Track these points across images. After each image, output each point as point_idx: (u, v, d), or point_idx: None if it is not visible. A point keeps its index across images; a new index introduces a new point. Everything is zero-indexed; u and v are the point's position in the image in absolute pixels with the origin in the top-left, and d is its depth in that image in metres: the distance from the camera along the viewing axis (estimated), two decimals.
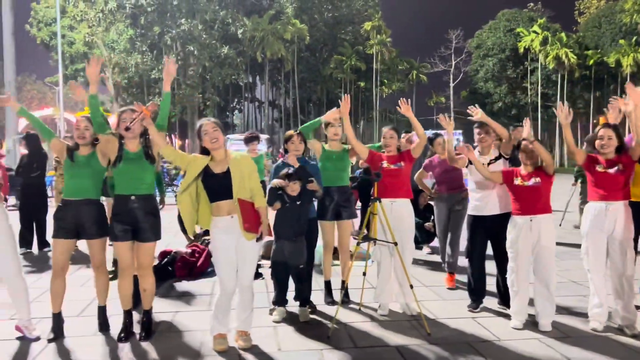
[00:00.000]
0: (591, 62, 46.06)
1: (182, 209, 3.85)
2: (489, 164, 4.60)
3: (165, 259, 6.12)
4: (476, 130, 4.74)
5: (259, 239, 3.85)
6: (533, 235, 4.19)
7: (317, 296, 4.96)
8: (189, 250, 6.33)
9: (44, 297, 4.93)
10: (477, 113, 4.67)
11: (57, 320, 4.15)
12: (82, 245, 6.20)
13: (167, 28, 32.92)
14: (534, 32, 45.20)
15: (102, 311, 4.29)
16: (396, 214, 4.53)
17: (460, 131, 26.46)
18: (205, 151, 3.86)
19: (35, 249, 7.63)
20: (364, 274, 4.59)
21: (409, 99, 5.10)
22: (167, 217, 4.44)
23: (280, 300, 4.56)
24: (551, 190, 4.34)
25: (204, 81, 32.98)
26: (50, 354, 3.78)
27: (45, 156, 7.91)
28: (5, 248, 4.01)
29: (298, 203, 4.33)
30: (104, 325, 4.23)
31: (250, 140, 6.84)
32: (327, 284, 5.07)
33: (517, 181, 4.25)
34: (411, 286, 4.37)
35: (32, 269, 6.48)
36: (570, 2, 70.40)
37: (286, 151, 4.84)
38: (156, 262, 6.17)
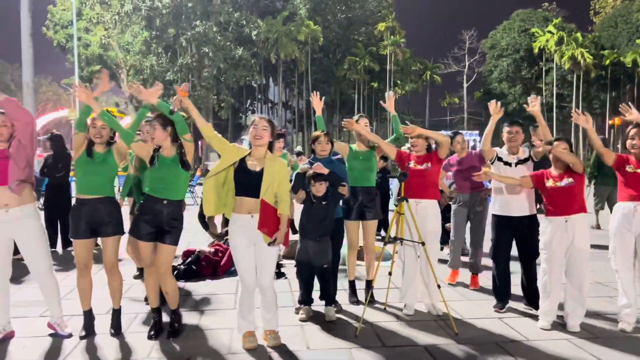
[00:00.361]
0: (607, 62, 45.58)
1: (205, 192, 3.87)
2: (517, 163, 4.59)
3: (189, 258, 6.18)
4: (506, 129, 4.73)
5: (271, 244, 3.84)
6: (568, 236, 4.17)
7: (340, 296, 4.98)
8: (212, 250, 6.39)
9: (72, 295, 5.01)
10: (496, 110, 4.62)
11: (88, 318, 4.21)
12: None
13: (181, 30, 33.13)
14: (549, 32, 44.82)
15: (114, 314, 4.27)
16: (422, 214, 4.53)
17: (477, 132, 26.33)
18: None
19: (59, 248, 7.74)
20: (390, 274, 4.59)
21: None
22: (187, 217, 4.46)
23: (305, 299, 4.58)
24: (584, 190, 4.33)
25: (219, 83, 33.11)
26: (83, 351, 3.83)
27: (69, 156, 8.01)
28: (37, 247, 4.07)
29: (324, 203, 4.35)
30: (116, 329, 4.20)
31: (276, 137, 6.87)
32: (352, 284, 5.08)
33: (549, 183, 4.23)
34: (438, 286, 4.37)
35: (59, 268, 6.56)
36: (585, 2, 69.77)
37: (312, 152, 4.87)
38: (179, 261, 6.24)
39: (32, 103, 29.46)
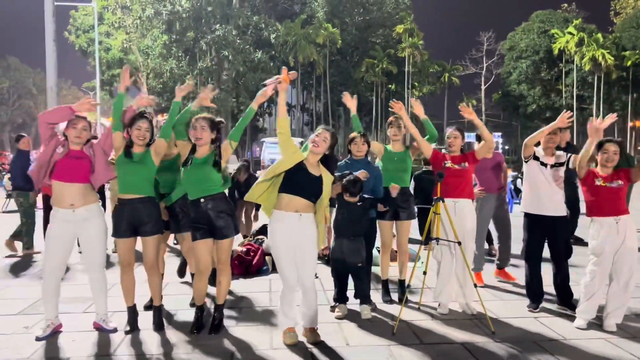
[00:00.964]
0: (629, 63, 44.96)
1: (257, 184, 3.97)
2: (552, 166, 4.62)
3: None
4: (546, 131, 4.76)
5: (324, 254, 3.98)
6: (619, 237, 4.19)
7: (373, 295, 5.04)
8: (244, 249, 6.50)
9: (111, 292, 5.14)
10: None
11: (132, 314, 4.34)
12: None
13: (201, 34, 33.48)
14: (569, 33, 44.36)
15: (156, 310, 4.39)
16: (459, 214, 4.59)
17: (499, 134, 26.19)
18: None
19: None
20: (425, 273, 4.65)
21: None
22: None
23: (341, 297, 4.66)
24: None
25: (238, 86, 33.40)
26: (129, 345, 3.96)
27: None
28: (98, 244, 4.21)
29: (359, 204, 4.45)
30: (159, 325, 4.31)
31: None
32: (385, 283, 5.15)
33: (599, 182, 4.25)
34: (475, 285, 4.41)
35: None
36: (605, 3, 68.81)
37: (349, 152, 4.96)
38: None
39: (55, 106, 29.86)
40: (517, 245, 5.72)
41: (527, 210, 4.72)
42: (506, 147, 60.55)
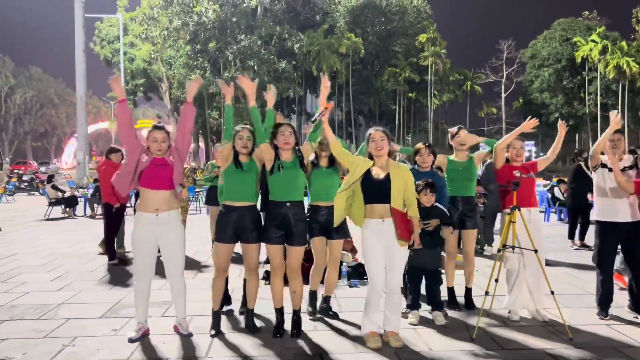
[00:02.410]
0: None
1: (336, 205, 4.15)
2: (622, 170, 4.70)
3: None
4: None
5: (410, 247, 4.09)
6: None
7: None
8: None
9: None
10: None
11: (217, 317, 4.50)
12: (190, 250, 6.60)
13: (225, 44, 33.95)
14: (593, 41, 44.05)
15: (249, 313, 4.55)
16: (532, 222, 4.69)
17: (533, 142, 26.10)
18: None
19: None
20: (497, 280, 4.75)
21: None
22: (196, 225, 4.70)
23: (415, 303, 4.77)
24: None
25: (262, 95, 33.68)
26: (222, 347, 4.11)
27: None
28: (178, 250, 4.38)
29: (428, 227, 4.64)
30: (252, 328, 4.48)
31: None
32: (450, 291, 5.25)
33: None
34: (552, 292, 4.49)
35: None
36: (627, 10, 68.22)
37: (415, 163, 5.09)
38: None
39: (83, 116, 30.52)
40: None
41: (601, 219, 4.78)
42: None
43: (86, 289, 6.00)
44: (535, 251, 4.47)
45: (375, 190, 4.06)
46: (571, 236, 9.18)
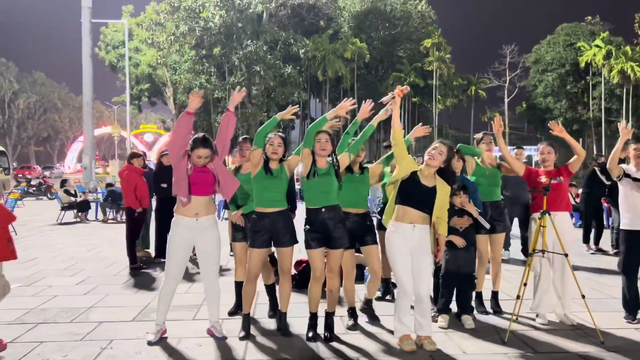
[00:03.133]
0: None
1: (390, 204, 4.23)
2: None
3: (303, 268, 6.47)
4: (633, 146, 4.90)
5: (436, 264, 4.17)
6: None
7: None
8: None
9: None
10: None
11: (247, 320, 4.55)
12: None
13: (231, 49, 34.12)
14: (597, 46, 44.16)
15: (283, 316, 4.60)
16: (560, 226, 4.73)
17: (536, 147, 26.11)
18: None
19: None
20: (525, 284, 4.80)
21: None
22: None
23: (446, 307, 4.81)
24: None
25: (268, 100, 33.92)
26: (257, 350, 4.16)
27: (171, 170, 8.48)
28: (214, 254, 4.44)
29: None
30: (285, 331, 4.52)
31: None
32: (479, 295, 5.29)
33: None
34: (583, 296, 4.53)
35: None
36: (630, 15, 68.37)
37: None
38: (293, 271, 6.54)
39: (90, 121, 30.62)
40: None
41: (629, 228, 4.82)
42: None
43: (112, 292, 6.05)
44: (566, 255, 4.52)
45: (418, 195, 4.10)
46: (586, 240, 9.22)
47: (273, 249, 4.54)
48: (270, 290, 5.14)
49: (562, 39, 50.08)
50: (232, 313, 5.09)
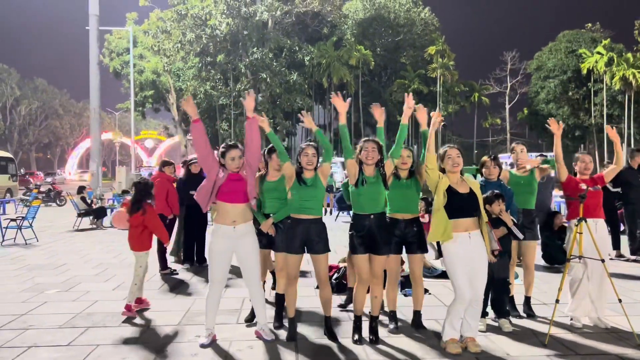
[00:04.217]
0: None
1: (437, 222, 4.29)
2: None
3: (336, 273, 6.64)
4: None
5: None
6: None
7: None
8: None
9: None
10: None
11: (293, 324, 4.71)
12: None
13: (238, 57, 34.37)
14: (598, 53, 44.49)
15: (328, 321, 4.75)
16: (598, 232, 4.90)
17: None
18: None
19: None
20: (560, 289, 4.95)
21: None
22: None
23: (483, 311, 4.96)
24: None
25: (274, 107, 34.15)
26: (308, 352, 4.31)
27: (201, 178, 8.64)
28: (254, 259, 4.59)
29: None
30: (332, 335, 4.64)
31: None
32: (511, 299, 5.44)
33: None
34: (619, 300, 4.69)
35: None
36: (629, 22, 68.84)
37: (481, 174, 5.31)
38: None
39: (97, 127, 30.80)
40: None
41: None
42: None
43: (151, 297, 6.17)
44: (602, 261, 4.68)
45: (462, 205, 4.26)
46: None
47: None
48: (280, 300, 5.11)
49: (564, 46, 50.40)
50: (277, 327, 5.03)
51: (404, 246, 4.90)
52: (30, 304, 5.88)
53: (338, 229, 12.68)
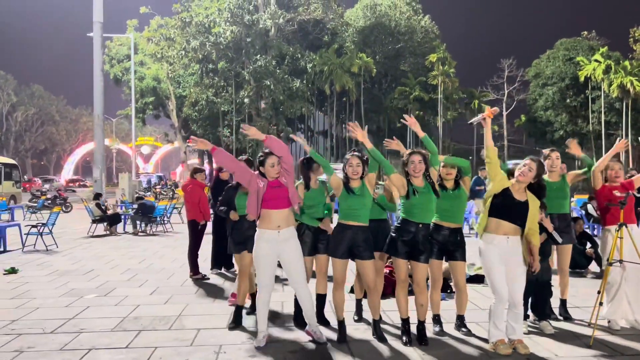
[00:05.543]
0: None
1: (483, 215, 4.55)
2: None
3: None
4: None
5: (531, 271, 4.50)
6: None
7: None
8: (387, 271, 6.98)
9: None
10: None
11: (343, 326, 4.84)
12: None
13: (241, 64, 34.58)
14: (596, 60, 45.00)
15: (377, 324, 4.89)
16: (636, 237, 5.06)
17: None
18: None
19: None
20: (599, 292, 5.11)
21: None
22: None
23: (525, 314, 5.10)
24: None
25: (277, 113, 34.38)
26: (364, 353, 4.44)
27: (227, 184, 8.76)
28: (299, 262, 4.70)
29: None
30: (381, 337, 4.79)
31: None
32: (563, 302, 5.62)
33: None
34: None
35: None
36: (624, 30, 69.57)
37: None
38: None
39: (101, 134, 30.80)
40: None
41: None
42: None
43: (191, 302, 6.30)
44: None
45: (510, 209, 4.41)
46: None
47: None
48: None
49: (562, 54, 50.94)
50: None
51: (445, 253, 5.03)
52: (74, 308, 5.98)
53: None
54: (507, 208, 4.42)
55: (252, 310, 5.57)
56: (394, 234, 4.73)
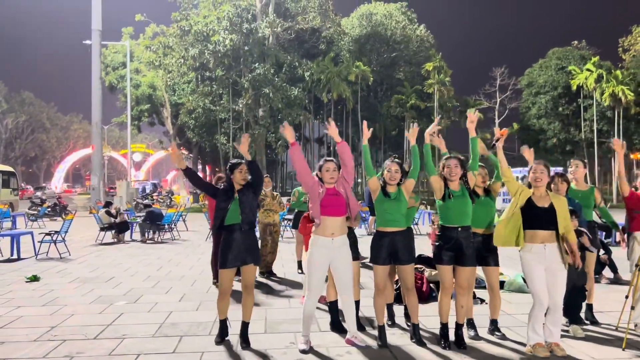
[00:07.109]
0: None
1: (501, 226, 4.69)
2: None
3: (398, 285, 6.89)
4: None
5: (575, 267, 4.65)
6: None
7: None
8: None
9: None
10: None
11: (383, 331, 4.97)
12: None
13: (238, 72, 34.72)
14: (588, 70, 45.68)
15: (416, 328, 5.02)
16: None
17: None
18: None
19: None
20: (627, 297, 5.28)
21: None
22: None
23: None
24: None
25: (275, 121, 34.55)
26: (407, 357, 4.57)
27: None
28: (348, 269, 4.84)
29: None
30: (420, 341, 4.93)
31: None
32: (590, 307, 5.78)
33: None
34: None
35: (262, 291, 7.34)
36: (613, 40, 70.68)
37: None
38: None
39: (99, 142, 30.79)
40: None
41: None
42: None
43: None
44: None
45: (539, 217, 4.58)
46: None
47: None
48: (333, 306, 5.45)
49: (554, 63, 51.61)
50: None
51: (478, 259, 5.18)
52: (108, 315, 6.05)
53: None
54: (536, 217, 4.59)
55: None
56: (437, 242, 4.87)
